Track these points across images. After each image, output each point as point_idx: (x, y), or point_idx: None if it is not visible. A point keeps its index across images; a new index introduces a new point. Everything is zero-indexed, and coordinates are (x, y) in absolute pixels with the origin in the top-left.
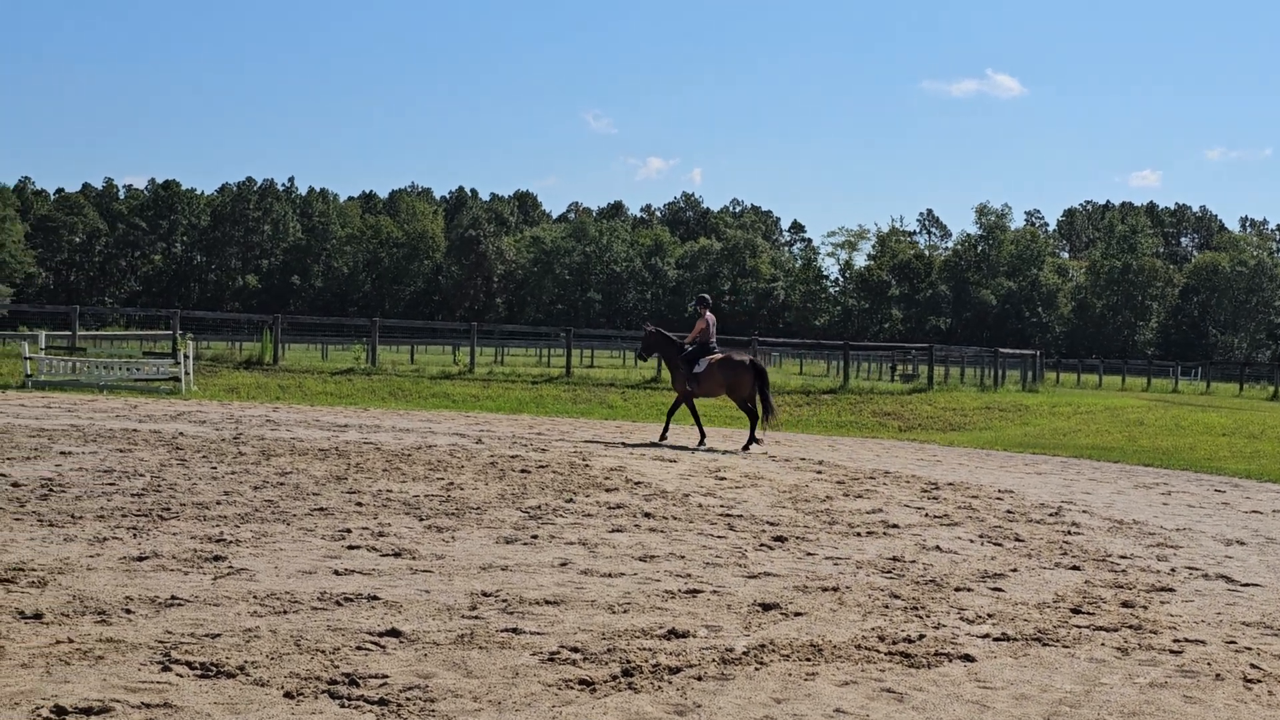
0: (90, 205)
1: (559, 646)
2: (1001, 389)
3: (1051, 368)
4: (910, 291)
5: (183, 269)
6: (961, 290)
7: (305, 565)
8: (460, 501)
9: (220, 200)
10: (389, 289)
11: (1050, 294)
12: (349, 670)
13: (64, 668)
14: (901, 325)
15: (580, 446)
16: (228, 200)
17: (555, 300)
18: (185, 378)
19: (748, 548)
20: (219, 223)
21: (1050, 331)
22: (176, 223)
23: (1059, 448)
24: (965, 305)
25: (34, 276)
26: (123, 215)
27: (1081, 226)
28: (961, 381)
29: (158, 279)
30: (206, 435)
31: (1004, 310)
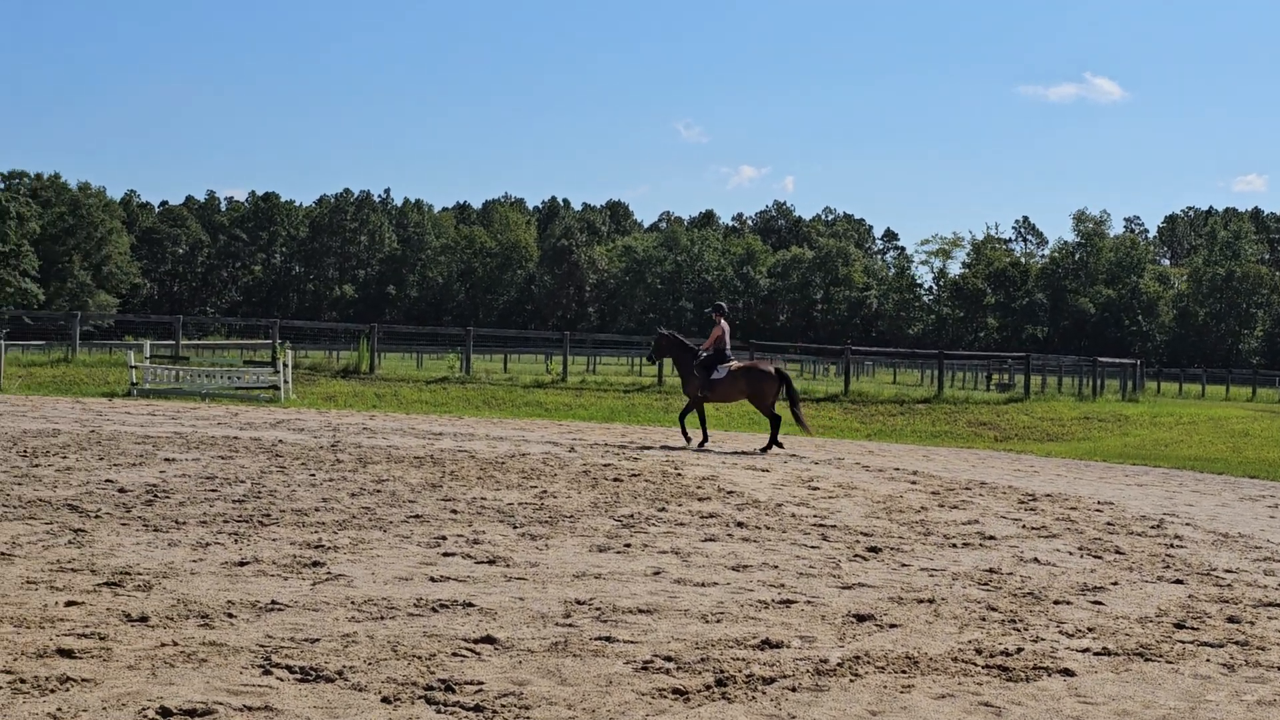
0: (193, 217)
1: (652, 655)
2: (1100, 399)
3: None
4: (1006, 300)
5: (282, 279)
6: (1059, 298)
7: (402, 572)
8: (553, 509)
9: (318, 212)
10: (482, 298)
11: (1151, 302)
12: (445, 676)
13: (169, 670)
14: (997, 334)
15: (672, 455)
16: (326, 212)
17: (647, 309)
18: (284, 386)
19: (841, 558)
20: (317, 234)
21: (1151, 340)
22: (276, 234)
23: (1160, 459)
24: (1062, 314)
25: (139, 287)
26: (224, 227)
27: (1183, 233)
28: (1059, 391)
29: (257, 289)
30: (305, 443)
31: (1103, 319)
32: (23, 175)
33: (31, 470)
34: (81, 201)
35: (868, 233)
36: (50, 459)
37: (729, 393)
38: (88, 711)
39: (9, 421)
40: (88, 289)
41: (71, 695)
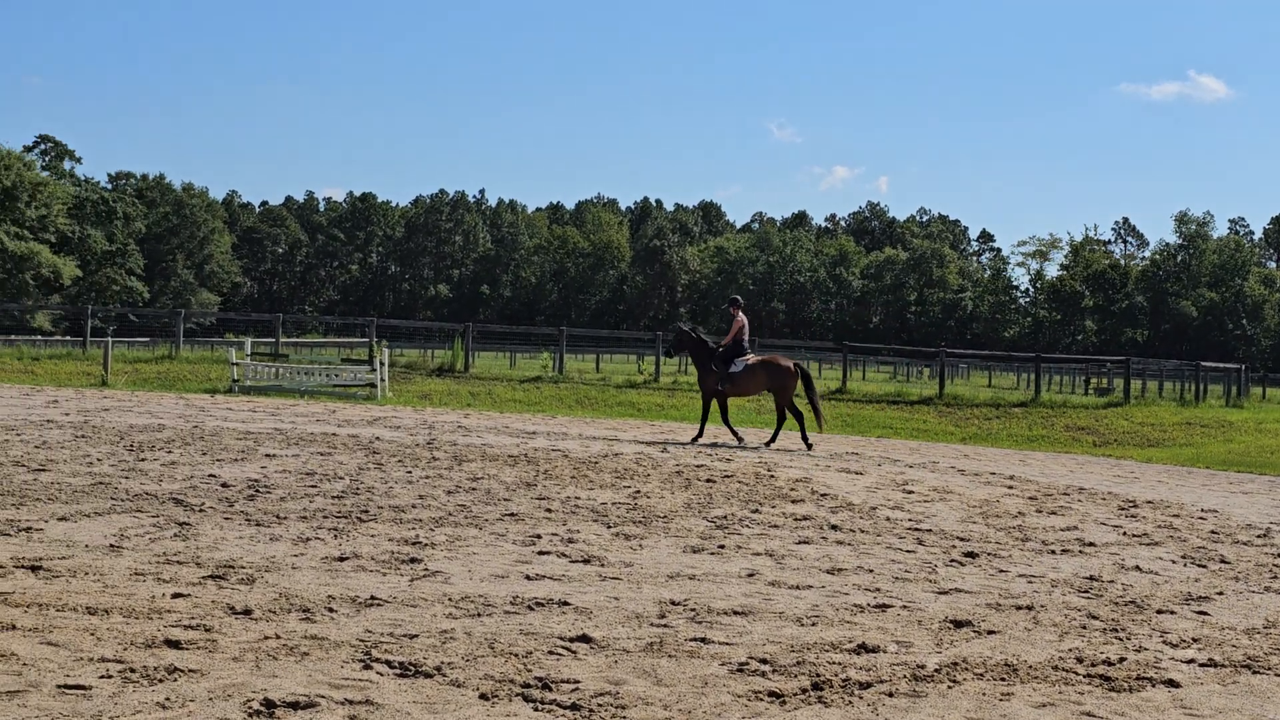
0: (292, 217)
1: (748, 657)
2: (1203, 404)
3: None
4: (1105, 303)
5: (378, 278)
6: (1159, 302)
7: (497, 569)
8: (647, 510)
9: (414, 212)
10: (575, 298)
11: (1256, 305)
12: (542, 674)
13: (272, 662)
14: (1095, 337)
15: (765, 457)
16: (421, 212)
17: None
18: (381, 384)
19: (938, 563)
20: (413, 234)
21: (1256, 345)
22: (372, 234)
23: (1266, 466)
24: (1163, 317)
25: (240, 286)
26: (322, 227)
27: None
28: (1160, 396)
29: (354, 288)
30: (401, 440)
31: (1205, 322)
32: (129, 176)
33: (138, 464)
34: (185, 202)
35: (963, 234)
36: (156, 453)
37: (748, 386)
38: (194, 702)
39: (116, 416)
40: (190, 287)
41: (179, 685)
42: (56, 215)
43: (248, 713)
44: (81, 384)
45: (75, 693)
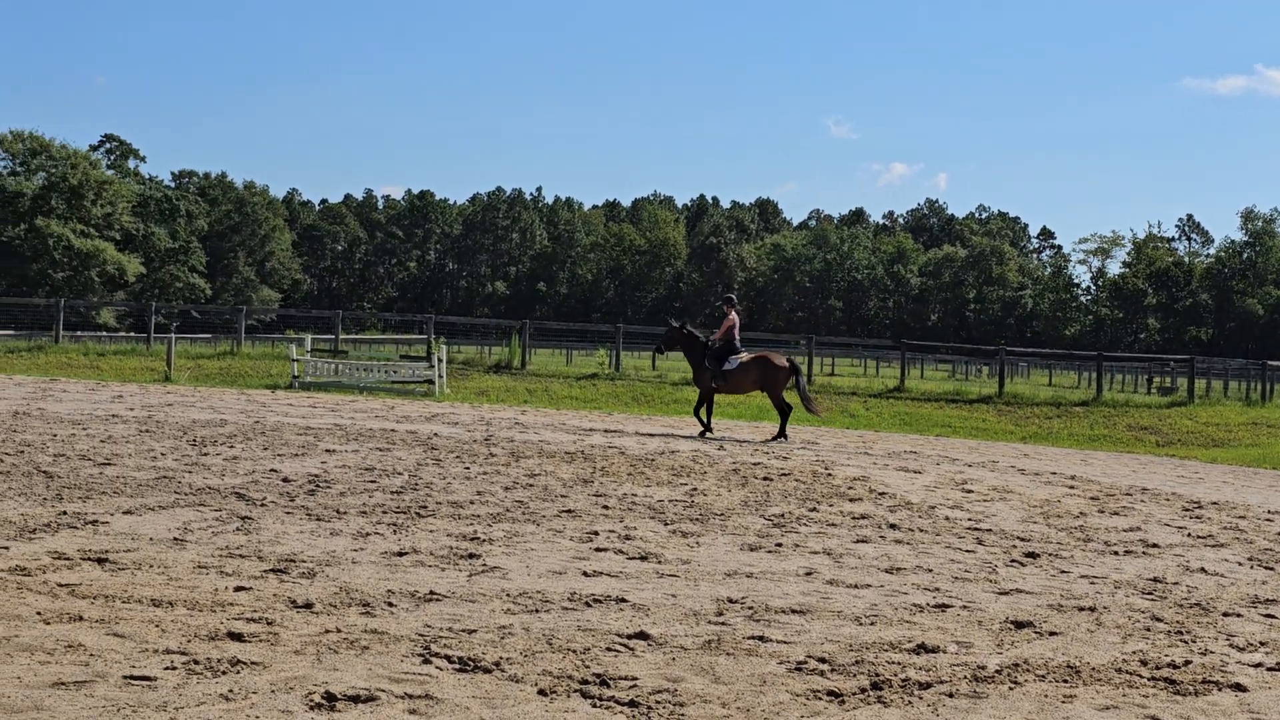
0: (351, 215)
1: (806, 656)
2: (1270, 404)
3: None
4: (1168, 301)
5: (436, 276)
6: (1225, 300)
7: (555, 565)
8: (704, 507)
9: (471, 210)
10: (631, 295)
11: None
12: (600, 671)
13: (333, 656)
14: (1158, 336)
15: (822, 455)
16: (478, 209)
17: (795, 308)
18: (439, 381)
19: (998, 563)
20: (470, 231)
21: None
22: (430, 231)
23: None
24: (1229, 315)
25: (300, 283)
26: (381, 224)
27: None
28: (1225, 395)
29: (412, 285)
30: (459, 436)
31: (1272, 320)
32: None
33: (201, 459)
34: (246, 200)
35: (1023, 231)
36: (218, 448)
37: (741, 383)
38: (257, 694)
39: (179, 412)
40: (252, 284)
41: (241, 677)
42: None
43: (309, 705)
44: (146, 380)
45: (141, 683)
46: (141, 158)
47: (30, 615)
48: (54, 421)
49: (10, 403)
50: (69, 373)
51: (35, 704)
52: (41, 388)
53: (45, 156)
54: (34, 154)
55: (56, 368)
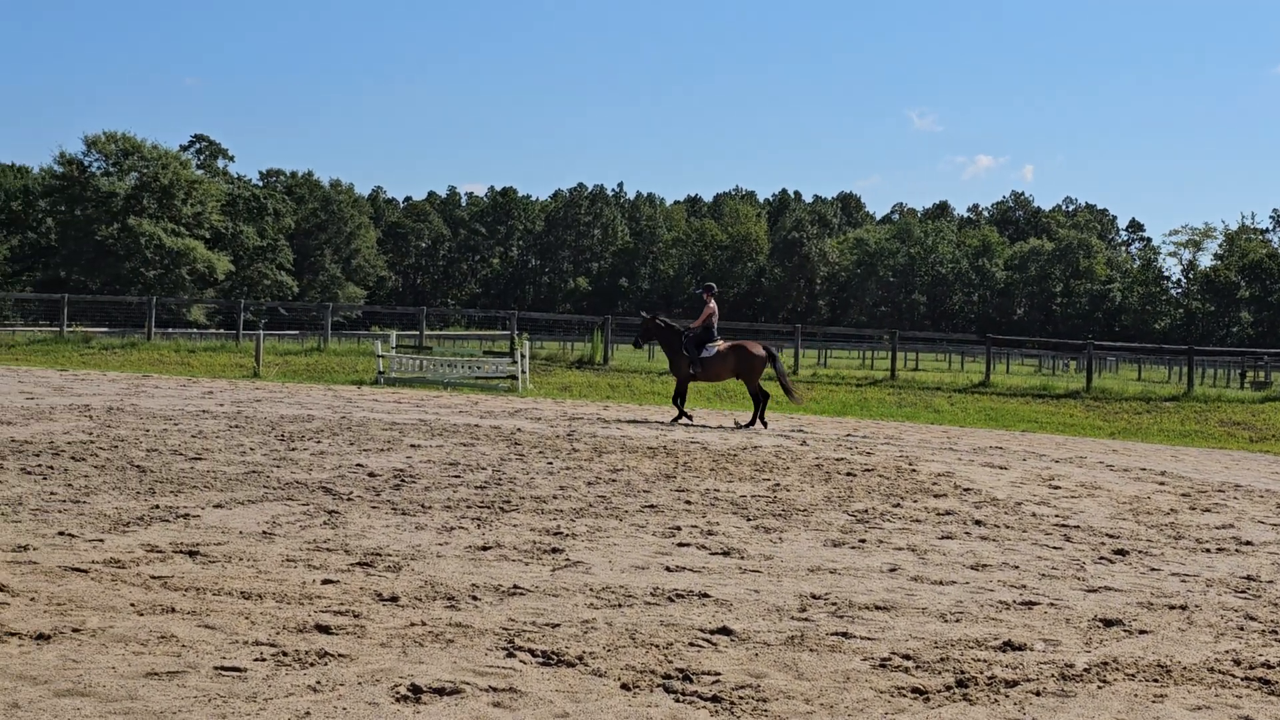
0: (435, 212)
1: (890, 653)
2: None
3: None
4: (1262, 293)
5: (519, 272)
6: None
7: (638, 560)
8: (786, 503)
9: (554, 206)
10: None
11: None
12: (682, 666)
13: (418, 649)
14: (1251, 330)
15: (907, 451)
16: (561, 206)
17: (879, 302)
18: (522, 376)
19: (1086, 560)
20: (552, 227)
21: None
22: (513, 228)
23: None
24: None
25: (385, 280)
26: (464, 221)
27: None
28: None
29: (495, 281)
30: (542, 432)
31: None
32: (279, 174)
33: (289, 454)
34: (332, 198)
35: (1111, 223)
36: (305, 443)
37: (719, 371)
38: (344, 685)
39: (267, 407)
40: (338, 281)
41: (329, 669)
42: (211, 212)
43: (395, 698)
44: (234, 376)
45: (231, 674)
46: (230, 157)
47: (124, 607)
48: (146, 417)
49: (104, 398)
50: (161, 369)
51: (129, 694)
52: (134, 384)
53: (137, 157)
54: (126, 155)
55: (149, 364)
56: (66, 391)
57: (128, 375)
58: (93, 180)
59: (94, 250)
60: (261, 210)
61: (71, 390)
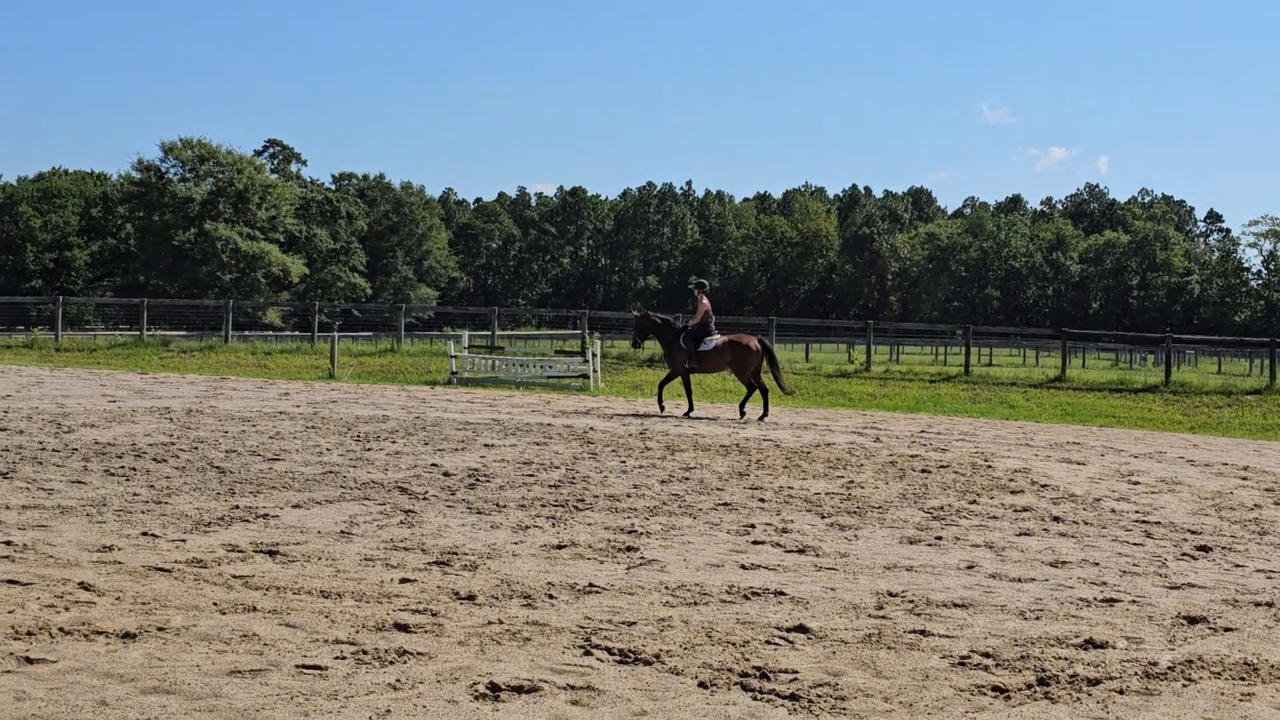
0: (505, 213)
1: (969, 651)
2: None
3: None
4: None
5: (589, 271)
6: None
7: (712, 558)
8: (861, 500)
9: (623, 205)
10: (783, 288)
11: None
12: (759, 664)
13: (495, 647)
14: None
15: (982, 447)
16: (630, 205)
17: (951, 297)
18: (593, 375)
19: (1167, 557)
20: (622, 226)
21: None
22: (583, 227)
23: None
24: None
25: (456, 280)
26: (534, 221)
27: None
28: None
29: (566, 281)
30: (614, 430)
31: None
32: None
33: (365, 454)
34: (404, 200)
35: (1188, 214)
36: (381, 444)
37: (715, 364)
38: (423, 683)
39: (343, 408)
40: (410, 283)
41: (408, 667)
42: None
43: (474, 695)
44: (310, 377)
45: (312, 672)
46: (303, 161)
47: (207, 606)
48: (225, 418)
49: (184, 401)
50: (238, 371)
51: (214, 691)
52: (212, 386)
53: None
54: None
55: (226, 366)
56: (147, 394)
57: (206, 377)
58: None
59: (171, 255)
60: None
61: (152, 393)
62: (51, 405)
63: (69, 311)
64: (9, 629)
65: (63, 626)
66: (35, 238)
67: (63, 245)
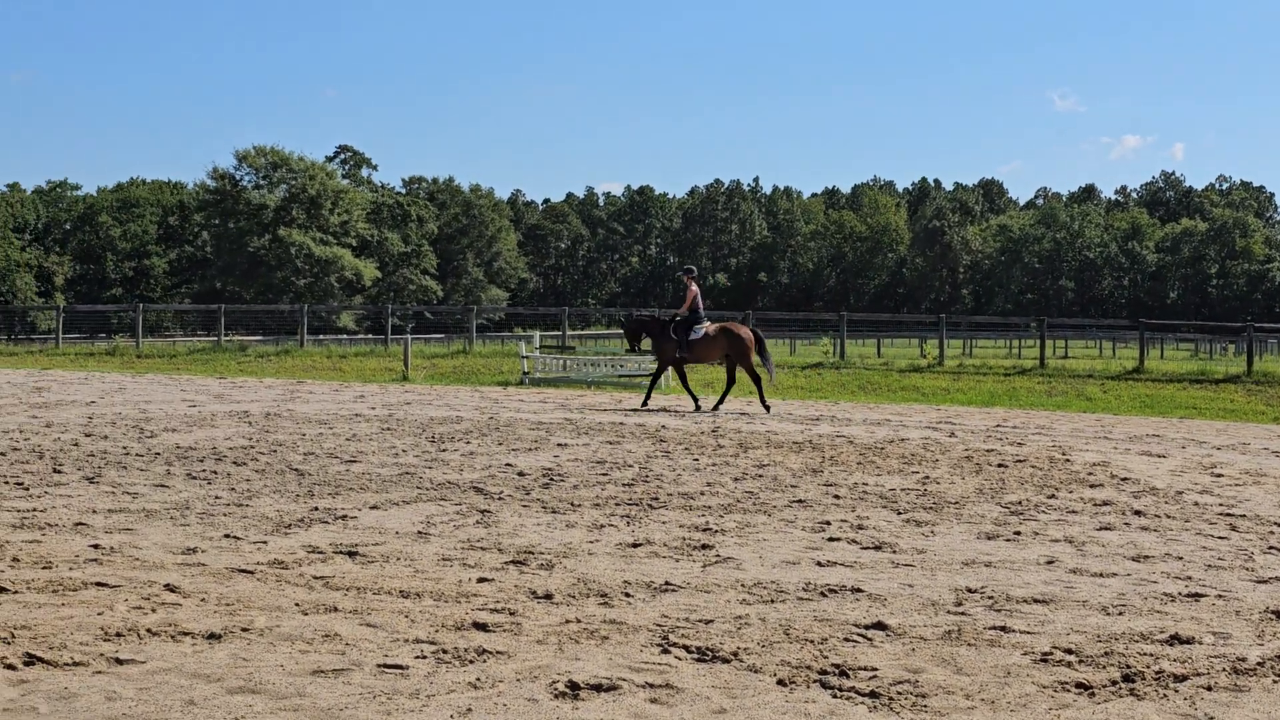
0: (573, 213)
1: (1051, 647)
2: None
3: None
4: None
5: (657, 270)
6: None
7: (788, 556)
8: (937, 495)
9: (690, 203)
10: (853, 283)
11: None
12: (838, 661)
13: (574, 646)
14: None
15: (1059, 441)
16: (697, 202)
17: (1024, 289)
18: (665, 373)
19: (1254, 550)
20: (689, 224)
21: None
22: (650, 226)
23: None
24: None
25: (526, 281)
26: (602, 221)
27: None
28: None
29: (634, 280)
30: (686, 428)
31: None
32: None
33: (440, 455)
34: (473, 202)
35: (1268, 201)
36: (455, 444)
37: (707, 353)
38: (503, 682)
39: (417, 409)
40: (480, 284)
41: (488, 666)
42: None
43: (553, 694)
44: (384, 379)
45: (394, 672)
46: (374, 166)
47: (289, 606)
48: (302, 421)
49: (262, 404)
50: (314, 374)
51: (298, 690)
52: (289, 389)
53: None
54: (275, 167)
55: (302, 370)
56: (226, 399)
57: (283, 381)
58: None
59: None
60: (405, 217)
61: (230, 397)
62: (134, 411)
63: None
64: (99, 630)
65: (150, 628)
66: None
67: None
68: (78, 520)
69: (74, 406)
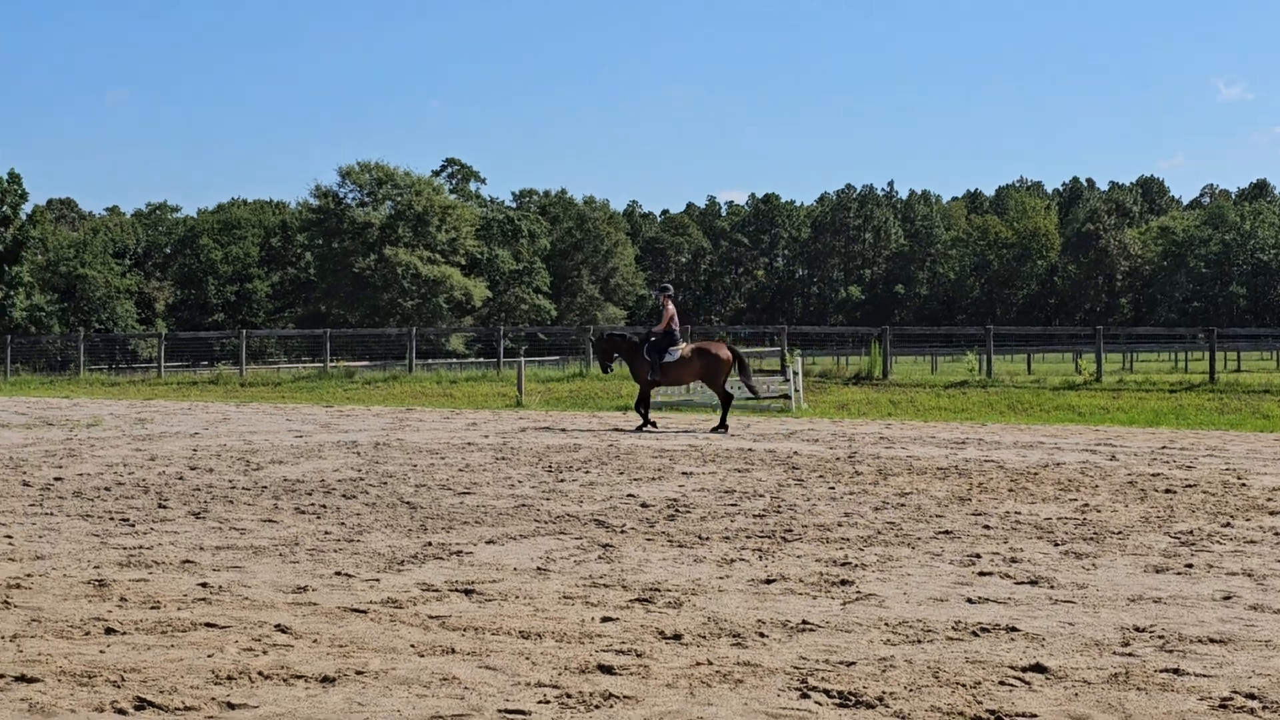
0: (694, 224)
1: (1231, 692)
2: None
3: None
4: None
5: (785, 283)
6: None
7: (935, 592)
8: (1098, 525)
9: (820, 210)
10: (999, 293)
11: None
12: (993, 707)
13: (706, 689)
14: None
15: (1234, 463)
16: (827, 210)
17: (1190, 297)
18: (795, 395)
19: None
20: (819, 234)
21: None
22: (777, 236)
23: None
24: None
25: (645, 298)
26: (725, 232)
27: None
28: None
29: (761, 294)
30: (820, 454)
31: None
32: (532, 194)
33: (558, 485)
34: (587, 215)
35: None
36: (574, 474)
37: (681, 375)
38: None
39: (532, 437)
40: (596, 302)
41: (615, 711)
42: (465, 237)
43: None
44: (497, 405)
45: (516, 717)
46: (482, 180)
47: (405, 648)
48: (413, 451)
49: (370, 434)
50: (423, 401)
51: None
52: (399, 417)
53: (390, 185)
54: (380, 184)
55: (411, 396)
56: (333, 428)
57: (392, 409)
58: (348, 212)
59: (352, 282)
60: (516, 233)
61: (338, 427)
62: (239, 442)
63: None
64: (209, 673)
65: (262, 670)
66: (217, 270)
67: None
68: (185, 558)
69: (178, 438)
